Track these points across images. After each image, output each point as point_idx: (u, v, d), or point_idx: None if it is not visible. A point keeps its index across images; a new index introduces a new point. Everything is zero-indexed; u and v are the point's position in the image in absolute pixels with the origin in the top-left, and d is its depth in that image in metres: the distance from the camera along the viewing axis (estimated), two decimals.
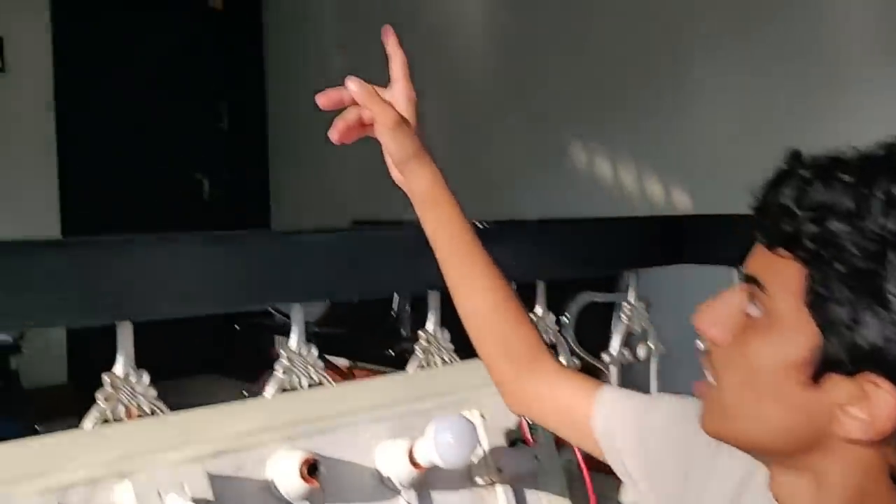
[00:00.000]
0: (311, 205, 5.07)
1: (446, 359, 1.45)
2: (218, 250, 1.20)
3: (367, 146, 1.06)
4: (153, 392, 1.14)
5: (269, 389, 1.24)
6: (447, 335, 1.47)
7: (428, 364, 1.43)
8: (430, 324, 1.46)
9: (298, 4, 5.14)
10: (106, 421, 1.09)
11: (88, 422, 1.08)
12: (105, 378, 1.11)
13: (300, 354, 1.28)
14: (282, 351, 1.27)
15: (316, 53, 5.01)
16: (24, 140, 4.43)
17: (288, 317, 1.26)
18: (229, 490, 1.09)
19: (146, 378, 1.14)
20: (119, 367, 1.12)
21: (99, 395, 1.10)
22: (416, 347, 1.43)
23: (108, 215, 4.73)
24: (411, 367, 1.41)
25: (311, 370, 1.28)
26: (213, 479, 1.06)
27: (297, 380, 1.27)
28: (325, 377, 1.29)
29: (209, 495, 1.05)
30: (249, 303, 1.28)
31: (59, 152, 4.56)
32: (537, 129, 3.89)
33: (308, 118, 5.12)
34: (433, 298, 1.44)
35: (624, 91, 3.54)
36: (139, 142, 4.94)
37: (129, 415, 1.12)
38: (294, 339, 1.28)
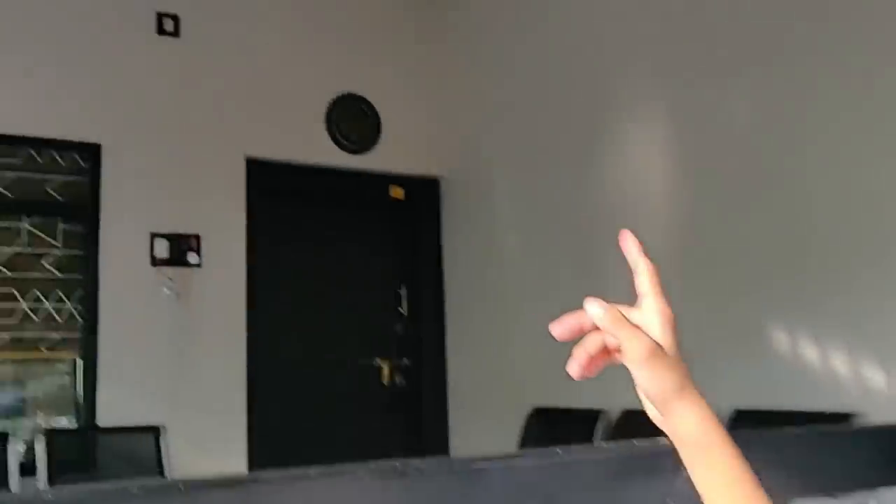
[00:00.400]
0: (489, 390, 4.95)
1: None
2: (396, 483, 1.08)
3: (545, 328, 0.90)
4: None
5: None
6: None
7: None
8: None
9: (474, 193, 5.24)
10: None
11: None
12: None
13: None
14: None
15: (492, 240, 5.03)
16: (215, 331, 4.61)
17: None
18: None
19: None
20: None
21: None
22: None
23: (291, 399, 4.80)
24: None
25: None
26: None
27: None
28: None
29: None
30: None
31: (248, 339, 4.71)
32: (729, 309, 3.64)
33: (485, 302, 5.09)
34: None
35: (833, 268, 3.26)
36: (322, 327, 5.05)
37: None
38: None
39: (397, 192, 5.45)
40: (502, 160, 5.05)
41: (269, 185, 4.94)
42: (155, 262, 4.48)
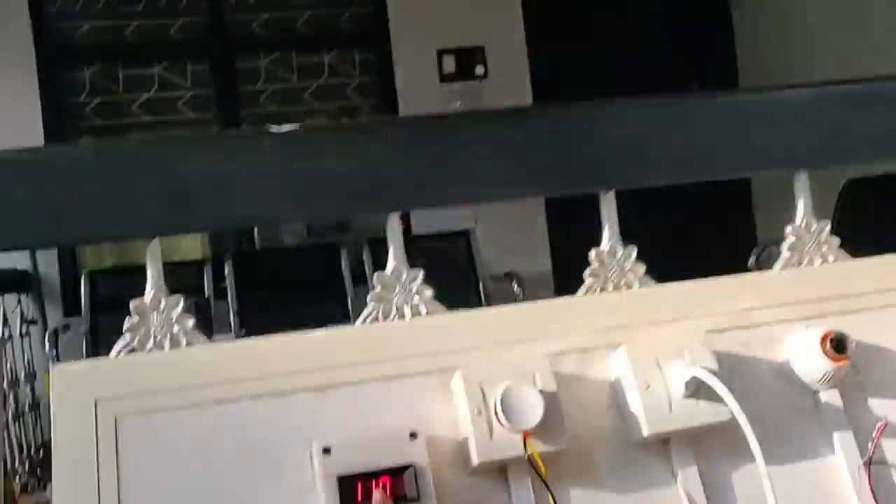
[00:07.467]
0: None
1: None
2: (707, 109, 1.07)
3: None
4: (642, 268, 1.03)
5: (777, 266, 1.06)
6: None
7: None
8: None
9: None
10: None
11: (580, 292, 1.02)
12: (591, 254, 1.04)
13: None
14: None
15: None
16: None
17: None
18: (739, 366, 0.94)
19: (633, 253, 1.04)
20: (605, 243, 1.04)
21: (586, 274, 1.03)
22: None
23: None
24: None
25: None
26: (721, 356, 0.93)
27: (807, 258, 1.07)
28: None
29: (717, 367, 0.91)
30: (725, 171, 1.13)
31: None
32: None
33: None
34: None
35: None
36: None
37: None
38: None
39: None
40: None
41: None
42: (443, 78, 4.63)
